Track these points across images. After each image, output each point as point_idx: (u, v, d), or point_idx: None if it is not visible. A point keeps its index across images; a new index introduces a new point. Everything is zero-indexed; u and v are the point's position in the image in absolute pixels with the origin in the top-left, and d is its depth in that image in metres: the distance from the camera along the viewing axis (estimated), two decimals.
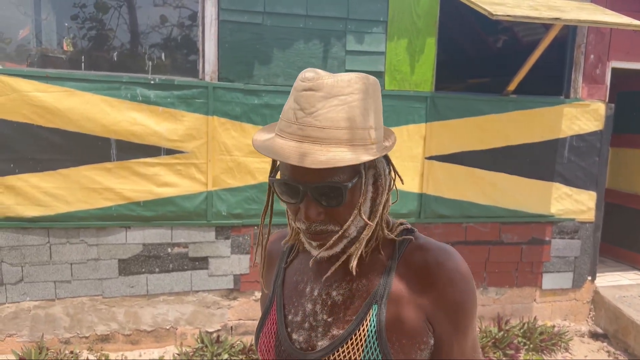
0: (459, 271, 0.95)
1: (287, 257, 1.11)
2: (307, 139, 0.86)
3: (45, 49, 4.03)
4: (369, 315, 0.93)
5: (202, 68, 3.71)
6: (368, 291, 0.96)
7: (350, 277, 0.98)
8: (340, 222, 0.92)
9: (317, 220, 0.91)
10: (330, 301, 0.99)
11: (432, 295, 0.93)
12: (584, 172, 4.53)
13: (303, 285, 1.04)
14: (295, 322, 1.01)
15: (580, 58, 4.41)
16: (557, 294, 4.68)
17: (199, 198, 3.73)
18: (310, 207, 0.90)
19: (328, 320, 0.97)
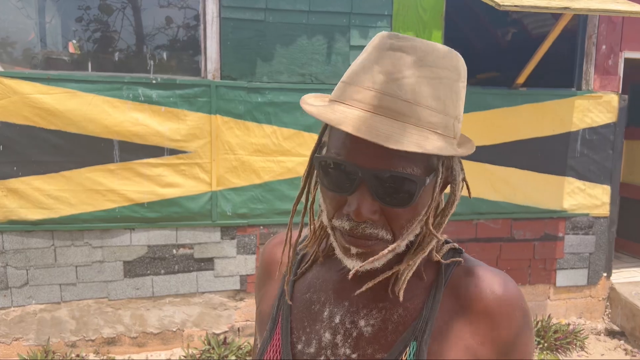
0: (520, 306, 0.77)
1: (296, 267, 0.88)
2: (384, 112, 0.66)
3: (48, 52, 4.02)
4: (406, 355, 0.74)
5: (204, 66, 3.66)
6: (405, 323, 0.76)
7: (384, 303, 0.77)
8: (395, 230, 0.71)
9: (369, 219, 0.69)
10: (355, 332, 0.77)
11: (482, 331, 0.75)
12: (597, 166, 4.41)
13: (319, 307, 0.81)
14: (307, 354, 0.79)
15: (591, 49, 4.29)
16: (572, 291, 4.56)
17: (204, 198, 3.68)
18: (364, 201, 0.68)
19: (352, 357, 0.76)
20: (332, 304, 0.80)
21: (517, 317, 0.76)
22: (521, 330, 0.76)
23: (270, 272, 0.92)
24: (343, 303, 0.79)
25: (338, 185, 0.70)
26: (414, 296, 0.78)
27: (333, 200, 0.72)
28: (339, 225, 0.72)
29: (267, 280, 0.92)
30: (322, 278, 0.83)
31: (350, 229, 0.70)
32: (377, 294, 0.78)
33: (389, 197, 0.68)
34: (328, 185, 0.72)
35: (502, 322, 0.75)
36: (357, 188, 0.68)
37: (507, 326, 0.75)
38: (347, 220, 0.70)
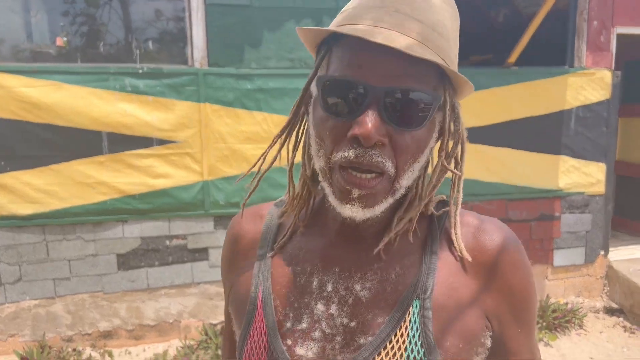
0: (521, 252, 0.74)
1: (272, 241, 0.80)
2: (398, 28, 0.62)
3: (35, 45, 3.96)
4: (409, 315, 0.69)
5: (190, 54, 3.62)
6: (404, 282, 0.71)
7: (379, 264, 0.72)
8: (399, 164, 0.65)
9: (378, 142, 0.62)
10: (351, 298, 0.71)
11: (489, 283, 0.71)
12: (592, 144, 4.38)
13: (306, 279, 0.74)
14: (298, 330, 0.72)
15: (583, 25, 4.24)
16: (570, 271, 4.55)
17: (195, 188, 3.65)
18: (375, 121, 0.61)
19: (350, 326, 0.70)
20: (320, 273, 0.74)
21: (518, 263, 0.73)
22: (528, 278, 0.74)
23: (241, 251, 0.84)
24: (333, 270, 0.73)
25: (343, 109, 0.64)
26: (409, 253, 0.73)
27: (334, 130, 0.65)
28: (341, 158, 0.64)
29: (238, 259, 0.84)
30: (305, 248, 0.77)
31: (356, 156, 0.63)
32: (371, 254, 0.73)
33: (401, 118, 0.63)
34: (331, 110, 0.65)
35: (506, 270, 0.72)
36: (366, 109, 0.62)
37: (511, 274, 0.72)
38: (353, 147, 0.63)
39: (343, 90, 0.63)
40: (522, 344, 0.75)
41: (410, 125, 0.64)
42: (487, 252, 0.72)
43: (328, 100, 0.65)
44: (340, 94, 0.64)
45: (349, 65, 0.64)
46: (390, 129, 0.63)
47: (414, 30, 0.62)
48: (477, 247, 0.73)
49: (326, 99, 0.65)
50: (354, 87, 0.62)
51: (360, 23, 0.63)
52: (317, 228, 0.77)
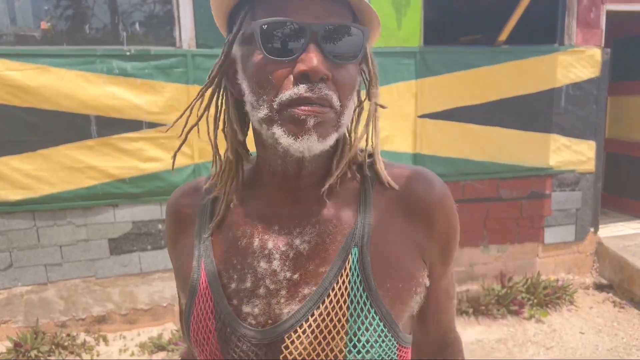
0: (446, 195, 0.78)
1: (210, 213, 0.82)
2: None
3: (18, 28, 3.88)
4: (349, 262, 0.71)
5: (178, 36, 3.57)
6: (342, 232, 0.73)
7: (317, 217, 0.74)
8: (342, 97, 0.69)
9: (325, 76, 0.66)
10: (292, 253, 0.73)
11: (424, 227, 0.75)
12: (582, 122, 4.40)
13: (247, 240, 0.76)
14: (242, 290, 0.74)
15: (573, 2, 4.23)
16: (560, 248, 4.60)
17: (186, 171, 3.62)
18: (319, 56, 0.65)
19: (294, 279, 0.72)
20: (260, 233, 0.76)
21: (448, 207, 0.78)
22: (453, 217, 0.79)
23: (182, 226, 0.85)
24: (273, 228, 0.76)
25: (285, 50, 0.66)
26: (344, 204, 0.76)
27: (278, 72, 0.67)
28: (291, 94, 0.66)
29: (180, 234, 0.85)
30: (242, 213, 0.79)
31: (306, 90, 0.65)
32: (307, 209, 0.76)
33: (339, 51, 0.67)
34: (274, 52, 0.66)
35: (439, 215, 0.76)
36: (307, 46, 0.65)
37: (443, 218, 0.77)
38: (302, 83, 0.66)
39: (282, 32, 0.65)
40: (444, 279, 0.82)
41: (348, 59, 0.68)
42: (420, 197, 0.76)
43: (267, 43, 0.66)
44: (280, 35, 0.65)
45: (282, 9, 0.66)
46: (330, 64, 0.66)
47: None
48: (410, 193, 0.76)
49: (266, 43, 0.66)
50: (292, 27, 0.65)
51: None
52: (253, 191, 0.80)
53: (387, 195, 0.77)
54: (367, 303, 0.70)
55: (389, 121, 3.91)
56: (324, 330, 0.70)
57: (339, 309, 0.70)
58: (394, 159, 3.19)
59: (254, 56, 0.69)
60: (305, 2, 0.66)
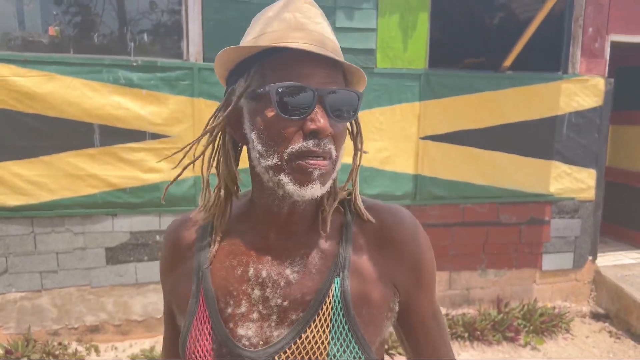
0: (416, 228, 0.89)
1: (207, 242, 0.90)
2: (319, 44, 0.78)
3: (26, 33, 3.90)
4: (332, 291, 0.81)
5: (186, 49, 3.59)
6: (326, 264, 0.84)
7: (305, 249, 0.85)
8: (337, 150, 0.80)
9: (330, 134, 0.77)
10: (283, 281, 0.83)
11: (394, 256, 0.86)
12: (583, 150, 4.41)
13: (243, 269, 0.85)
14: (237, 314, 0.83)
15: (578, 31, 4.27)
16: (558, 275, 4.58)
17: (187, 183, 3.62)
18: (325, 116, 0.76)
19: (284, 305, 0.82)
20: (255, 262, 0.85)
21: (418, 238, 0.88)
22: (425, 246, 0.89)
23: (179, 254, 0.92)
24: (266, 258, 0.85)
25: (296, 110, 0.75)
26: (329, 237, 0.86)
27: (289, 128, 0.76)
28: (300, 148, 0.76)
29: (177, 262, 0.93)
30: (238, 244, 0.87)
31: (314, 146, 0.76)
32: (297, 242, 0.85)
33: (339, 113, 0.78)
34: (287, 112, 0.75)
35: (407, 245, 0.86)
36: (315, 108, 0.76)
37: (412, 247, 0.87)
38: (310, 139, 0.76)
39: (294, 94, 0.75)
40: (426, 306, 0.91)
41: (346, 118, 0.79)
42: (391, 230, 0.86)
43: (281, 103, 0.75)
44: (292, 97, 0.75)
45: (291, 75, 0.76)
46: (332, 122, 0.77)
47: (329, 45, 0.79)
48: (383, 227, 0.87)
49: (280, 103, 0.75)
50: (304, 91, 0.75)
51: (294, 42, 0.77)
52: (248, 224, 0.88)
53: (365, 229, 0.87)
54: (346, 328, 0.80)
55: (392, 142, 3.92)
56: (309, 351, 0.80)
57: (322, 333, 0.80)
58: (395, 180, 3.22)
59: (265, 112, 0.78)
60: (312, 69, 0.77)
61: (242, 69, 0.82)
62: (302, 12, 0.80)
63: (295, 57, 0.76)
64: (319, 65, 0.77)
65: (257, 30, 0.81)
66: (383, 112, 3.86)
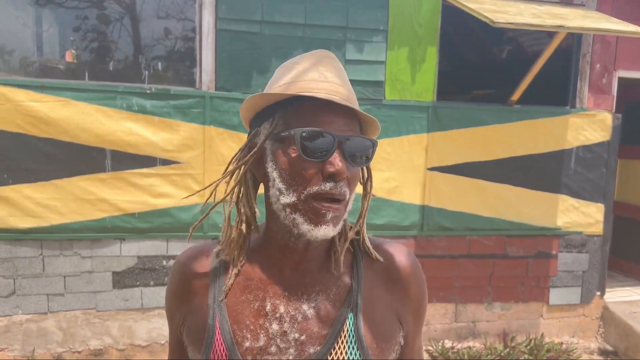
0: (418, 267, 0.96)
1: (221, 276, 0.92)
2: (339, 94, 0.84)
3: (44, 59, 4.01)
4: (346, 326, 0.86)
5: (199, 77, 3.66)
6: (340, 299, 0.89)
7: (320, 285, 0.89)
8: (351, 191, 0.85)
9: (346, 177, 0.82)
10: (300, 316, 0.87)
11: (400, 294, 0.92)
12: (591, 184, 4.41)
13: (259, 304, 0.88)
14: (256, 348, 0.85)
15: (585, 67, 4.32)
16: (565, 310, 4.54)
17: (195, 209, 3.65)
18: (343, 160, 0.81)
19: (301, 339, 0.85)
20: (272, 297, 0.88)
21: (420, 278, 0.96)
22: (423, 286, 0.97)
23: (192, 286, 0.93)
24: (283, 294, 0.88)
25: (317, 154, 0.81)
26: (342, 274, 0.91)
27: (310, 170, 0.82)
28: (318, 190, 0.81)
29: (190, 294, 0.93)
30: (255, 279, 0.90)
31: (330, 188, 0.81)
32: (312, 278, 0.90)
33: (355, 158, 0.83)
34: (309, 154, 0.81)
35: (411, 284, 0.94)
36: (334, 152, 0.81)
37: (415, 286, 0.94)
38: (327, 181, 0.81)
39: (316, 139, 0.81)
40: (417, 341, 0.99)
41: (360, 164, 0.85)
42: (397, 270, 0.93)
43: (305, 146, 0.81)
44: (314, 141, 0.81)
45: (313, 122, 0.82)
46: (348, 166, 0.82)
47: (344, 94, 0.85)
48: (390, 265, 0.93)
49: (304, 146, 0.81)
50: (325, 136, 0.81)
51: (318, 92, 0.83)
52: (262, 260, 0.91)
53: (373, 267, 0.93)
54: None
55: (399, 172, 3.95)
56: None
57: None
58: (402, 210, 3.24)
59: (288, 153, 0.84)
60: (332, 117, 0.83)
61: (267, 114, 0.88)
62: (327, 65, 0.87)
63: (318, 106, 0.83)
64: (338, 115, 0.83)
65: (285, 79, 0.87)
66: (391, 143, 3.90)
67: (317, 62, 0.87)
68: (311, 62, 0.87)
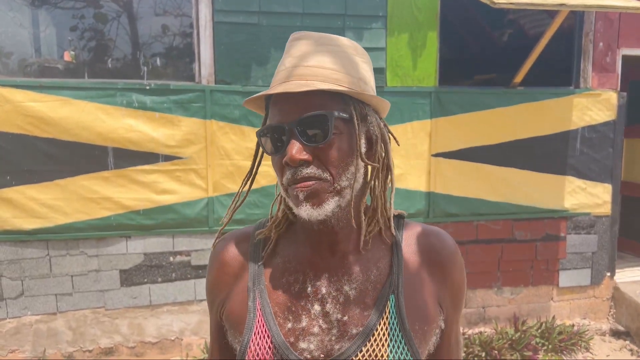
0: (458, 252, 0.96)
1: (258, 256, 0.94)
2: (294, 78, 0.83)
3: (43, 60, 3.98)
4: (388, 307, 0.87)
5: (198, 71, 3.63)
6: (381, 281, 0.89)
7: (360, 267, 0.90)
8: (331, 170, 0.83)
9: (301, 159, 0.80)
10: (342, 297, 0.88)
11: (441, 278, 0.92)
12: (597, 164, 4.36)
13: (300, 286, 0.89)
14: (298, 329, 0.86)
15: (588, 46, 4.26)
16: (575, 292, 4.51)
17: (200, 204, 3.64)
18: (293, 146, 0.80)
19: (344, 319, 0.86)
20: (312, 279, 0.89)
21: (459, 262, 0.96)
22: (463, 271, 0.96)
23: (231, 271, 0.95)
24: (324, 275, 0.89)
25: (276, 147, 0.84)
26: (381, 257, 0.91)
27: (277, 164, 0.85)
28: (286, 180, 0.83)
29: (229, 278, 0.95)
30: (294, 261, 0.91)
31: (292, 176, 0.82)
32: (352, 260, 0.90)
33: (311, 137, 0.81)
34: (270, 151, 0.85)
35: (452, 268, 0.94)
36: (289, 140, 0.81)
37: (455, 271, 0.94)
38: (289, 170, 0.82)
39: (271, 132, 0.84)
40: (455, 326, 0.97)
41: (320, 140, 0.81)
42: (438, 254, 0.93)
43: (267, 145, 0.85)
44: (270, 135, 0.84)
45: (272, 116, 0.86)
46: (312, 148, 0.81)
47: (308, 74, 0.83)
48: (430, 249, 0.93)
49: (266, 145, 0.86)
50: (277, 129, 0.83)
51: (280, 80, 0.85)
52: (301, 242, 0.93)
53: (414, 249, 0.93)
54: (403, 341, 0.85)
55: (403, 159, 3.92)
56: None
57: (382, 346, 0.85)
58: (407, 198, 3.20)
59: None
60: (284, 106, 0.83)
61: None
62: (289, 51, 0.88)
63: (278, 98, 0.85)
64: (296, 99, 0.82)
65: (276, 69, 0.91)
66: (394, 130, 3.84)
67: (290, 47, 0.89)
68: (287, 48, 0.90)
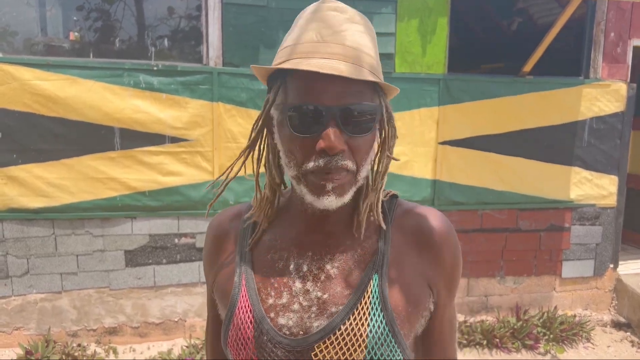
0: (451, 232, 0.92)
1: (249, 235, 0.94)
2: (336, 56, 0.78)
3: (49, 39, 3.96)
4: (370, 287, 0.85)
5: (206, 53, 3.61)
6: (365, 261, 0.87)
7: (344, 246, 0.88)
8: (357, 160, 0.81)
9: (340, 151, 0.77)
10: (323, 275, 0.86)
11: (431, 259, 0.89)
12: (604, 156, 4.35)
13: (284, 263, 0.89)
14: (279, 305, 0.86)
15: (600, 36, 4.22)
16: (578, 283, 4.51)
17: (205, 187, 3.64)
18: (336, 134, 0.77)
19: (324, 298, 0.85)
20: (296, 257, 0.89)
21: (452, 243, 0.91)
22: (456, 252, 0.92)
23: (224, 246, 0.96)
24: (307, 254, 0.88)
25: (309, 128, 0.78)
26: (368, 236, 0.90)
27: (303, 145, 0.80)
28: (313, 166, 0.79)
29: (220, 253, 0.97)
30: (280, 239, 0.92)
31: (325, 164, 0.78)
32: (337, 240, 0.89)
33: (354, 127, 0.79)
34: (300, 130, 0.79)
35: (443, 249, 0.90)
36: (327, 126, 0.77)
37: (447, 251, 0.90)
38: (322, 157, 0.78)
39: (306, 113, 0.78)
40: (449, 309, 0.94)
41: (362, 132, 0.80)
42: (428, 234, 0.89)
43: (295, 123, 0.79)
44: (304, 116, 0.78)
45: (305, 92, 0.78)
46: (347, 137, 0.79)
47: (350, 56, 0.78)
48: (421, 229, 0.90)
49: (294, 123, 0.79)
50: (314, 110, 0.77)
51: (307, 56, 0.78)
52: (288, 221, 0.93)
53: (403, 230, 0.91)
54: (383, 322, 0.83)
55: (410, 146, 3.91)
56: (347, 343, 0.82)
57: (361, 326, 0.82)
58: (413, 185, 3.19)
59: (285, 128, 0.82)
60: (326, 85, 0.77)
61: (274, 79, 0.86)
62: (326, 21, 0.80)
63: (310, 75, 0.77)
64: (334, 82, 0.77)
65: (287, 41, 0.83)
66: (401, 117, 3.84)
67: (313, 17, 0.82)
68: (307, 20, 0.82)
